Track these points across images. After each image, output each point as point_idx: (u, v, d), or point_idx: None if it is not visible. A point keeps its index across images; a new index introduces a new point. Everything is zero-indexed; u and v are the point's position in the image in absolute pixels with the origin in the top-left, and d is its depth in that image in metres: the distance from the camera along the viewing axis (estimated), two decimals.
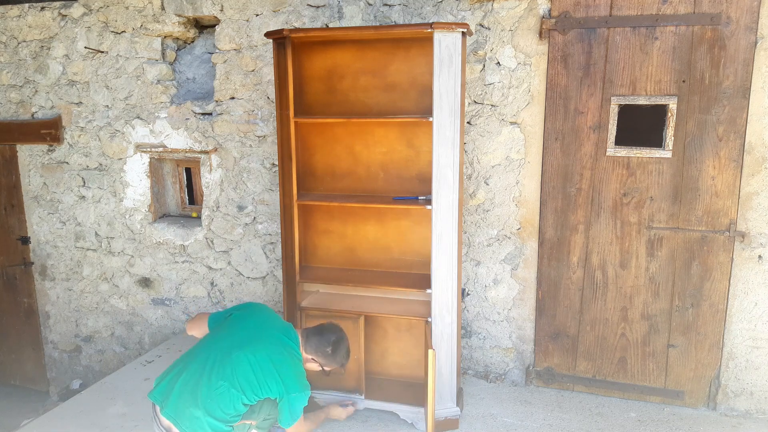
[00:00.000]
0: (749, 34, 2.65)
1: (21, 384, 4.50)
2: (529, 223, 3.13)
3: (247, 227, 3.68)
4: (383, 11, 3.16)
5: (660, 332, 3.00)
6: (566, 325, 3.14)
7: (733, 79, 2.70)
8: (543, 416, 2.93)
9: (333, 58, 2.91)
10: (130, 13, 3.60)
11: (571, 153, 2.97)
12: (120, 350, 4.16)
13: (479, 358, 3.36)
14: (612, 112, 2.88)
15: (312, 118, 2.83)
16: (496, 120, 3.08)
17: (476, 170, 3.16)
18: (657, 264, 2.94)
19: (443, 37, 2.46)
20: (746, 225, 2.81)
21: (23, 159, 4.08)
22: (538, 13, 2.92)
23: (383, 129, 2.92)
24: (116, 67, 3.71)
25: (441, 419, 2.76)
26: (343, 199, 2.88)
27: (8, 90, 3.99)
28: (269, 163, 3.54)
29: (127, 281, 4.01)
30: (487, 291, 3.27)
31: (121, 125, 3.77)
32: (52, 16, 3.76)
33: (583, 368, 3.15)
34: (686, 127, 2.79)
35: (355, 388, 2.87)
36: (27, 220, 4.16)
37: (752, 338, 2.89)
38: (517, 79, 3.01)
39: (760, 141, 2.73)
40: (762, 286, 2.84)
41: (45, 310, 4.28)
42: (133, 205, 3.86)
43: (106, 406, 3.06)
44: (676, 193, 2.86)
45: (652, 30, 2.76)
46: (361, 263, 3.09)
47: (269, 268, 3.69)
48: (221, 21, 3.45)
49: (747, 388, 2.93)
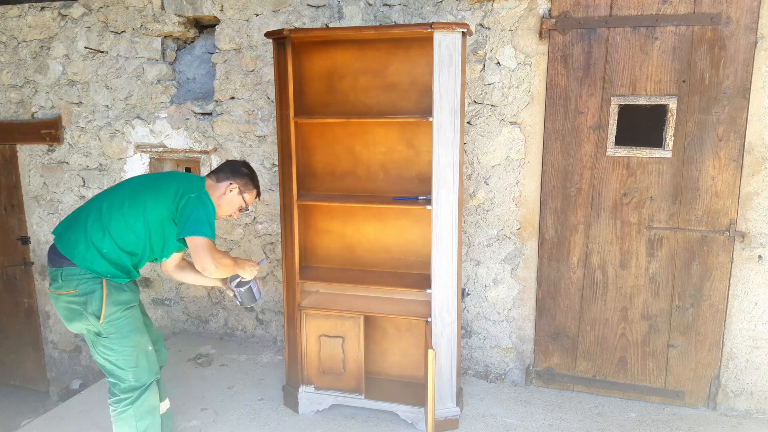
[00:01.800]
0: (749, 34, 2.65)
1: (21, 384, 4.51)
2: (529, 223, 3.13)
3: (247, 227, 3.68)
4: (383, 11, 3.16)
5: (660, 332, 3.00)
6: (566, 325, 3.14)
7: (733, 79, 2.69)
8: (543, 416, 2.93)
9: (333, 58, 2.91)
10: (130, 13, 3.60)
11: (571, 153, 2.97)
12: None
13: (479, 358, 3.36)
14: (612, 112, 2.88)
15: (312, 118, 2.83)
16: (496, 120, 3.08)
17: (476, 170, 3.16)
18: (657, 264, 2.94)
19: (443, 37, 2.46)
20: (746, 225, 2.81)
21: (23, 159, 4.08)
22: (538, 13, 2.92)
23: (383, 129, 2.92)
24: (116, 67, 3.71)
25: (441, 419, 2.76)
26: (343, 199, 2.88)
27: (8, 90, 3.99)
28: (269, 163, 3.54)
29: None
30: (487, 291, 3.27)
31: (121, 125, 3.77)
32: (52, 16, 3.76)
33: (583, 368, 3.15)
34: (686, 127, 2.79)
35: (355, 388, 2.88)
36: (27, 220, 4.16)
37: (752, 338, 2.89)
38: (517, 79, 3.01)
39: (760, 141, 2.73)
40: (762, 286, 2.84)
41: (45, 310, 4.27)
42: None
43: (106, 406, 3.06)
44: (676, 193, 2.86)
45: (652, 30, 2.76)
46: (361, 263, 3.09)
47: (269, 268, 3.69)
48: (221, 21, 3.45)
49: (747, 388, 2.93)
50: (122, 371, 2.26)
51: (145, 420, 2.31)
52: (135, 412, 2.28)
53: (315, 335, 2.87)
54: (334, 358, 2.87)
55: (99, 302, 2.19)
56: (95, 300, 2.19)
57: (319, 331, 2.87)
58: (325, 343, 2.87)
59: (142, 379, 2.29)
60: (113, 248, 2.24)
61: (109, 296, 2.21)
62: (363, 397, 2.87)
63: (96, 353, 2.28)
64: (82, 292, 2.19)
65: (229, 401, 3.09)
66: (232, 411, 2.98)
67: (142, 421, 2.30)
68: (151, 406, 2.33)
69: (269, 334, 3.82)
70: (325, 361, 2.89)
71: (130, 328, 2.28)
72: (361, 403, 2.88)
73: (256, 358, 3.61)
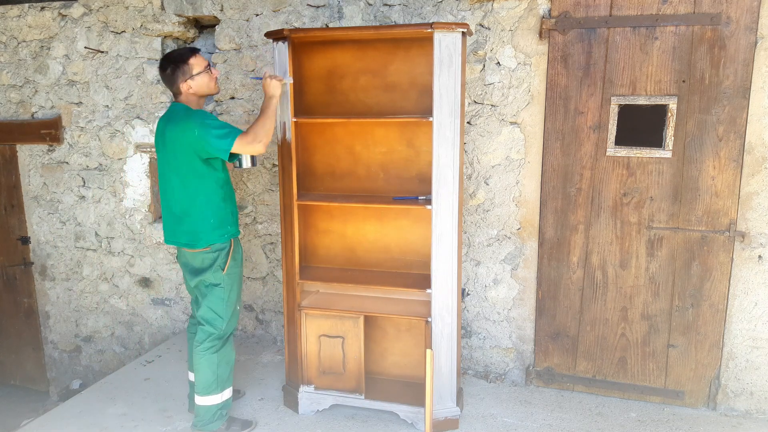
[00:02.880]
0: (749, 34, 2.65)
1: (21, 384, 4.51)
2: (529, 223, 3.13)
3: (247, 227, 3.68)
4: (383, 11, 3.16)
5: (660, 332, 3.00)
6: (566, 325, 3.14)
7: (733, 79, 2.69)
8: (543, 416, 2.93)
9: (333, 58, 2.91)
10: (130, 13, 3.60)
11: (571, 153, 2.97)
12: (120, 350, 4.16)
13: (479, 358, 3.36)
14: (612, 112, 2.88)
15: (312, 118, 2.83)
16: (496, 120, 3.08)
17: (476, 170, 3.16)
18: (657, 264, 2.94)
19: (443, 37, 2.46)
20: (746, 225, 2.81)
21: (23, 159, 4.08)
22: (538, 13, 2.92)
23: (383, 129, 2.92)
24: (116, 67, 3.71)
25: (441, 419, 2.76)
26: (343, 199, 2.88)
27: (8, 90, 3.99)
28: (269, 163, 3.54)
29: (127, 281, 4.01)
30: (487, 291, 3.27)
31: (121, 125, 3.77)
32: (52, 16, 3.76)
33: (583, 368, 3.15)
34: (686, 127, 2.79)
35: (355, 388, 2.88)
36: (27, 220, 4.16)
37: (752, 338, 2.89)
38: (517, 79, 3.01)
39: (760, 141, 2.73)
40: (762, 286, 2.84)
41: (45, 310, 4.28)
42: (133, 205, 3.86)
43: (106, 406, 3.06)
44: (676, 193, 2.86)
45: (652, 30, 2.76)
46: (361, 263, 3.09)
47: (269, 268, 3.69)
48: (221, 21, 3.45)
49: (747, 388, 2.93)
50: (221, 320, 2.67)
51: (224, 369, 2.68)
52: (219, 359, 2.66)
53: (315, 335, 2.87)
54: (334, 358, 2.87)
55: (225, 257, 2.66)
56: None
57: (319, 331, 2.87)
58: (325, 343, 2.87)
59: (229, 329, 2.72)
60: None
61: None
62: (363, 397, 2.87)
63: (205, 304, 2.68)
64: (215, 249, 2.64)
65: None
66: (232, 411, 2.98)
67: (222, 368, 2.67)
68: (230, 358, 2.73)
69: (269, 334, 3.82)
70: (325, 361, 2.89)
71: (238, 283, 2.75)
72: (361, 403, 2.88)
73: (256, 358, 3.61)
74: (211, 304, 2.65)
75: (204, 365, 2.64)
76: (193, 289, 2.77)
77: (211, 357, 2.64)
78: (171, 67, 2.55)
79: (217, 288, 2.65)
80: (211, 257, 2.62)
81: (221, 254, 2.63)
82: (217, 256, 2.62)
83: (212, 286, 2.66)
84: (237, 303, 2.74)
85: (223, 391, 2.69)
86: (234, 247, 2.68)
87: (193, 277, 2.69)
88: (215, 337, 2.65)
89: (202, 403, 2.67)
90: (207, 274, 2.64)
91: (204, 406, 2.67)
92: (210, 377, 2.64)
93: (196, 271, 2.67)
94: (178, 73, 2.55)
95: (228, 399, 2.74)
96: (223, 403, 2.71)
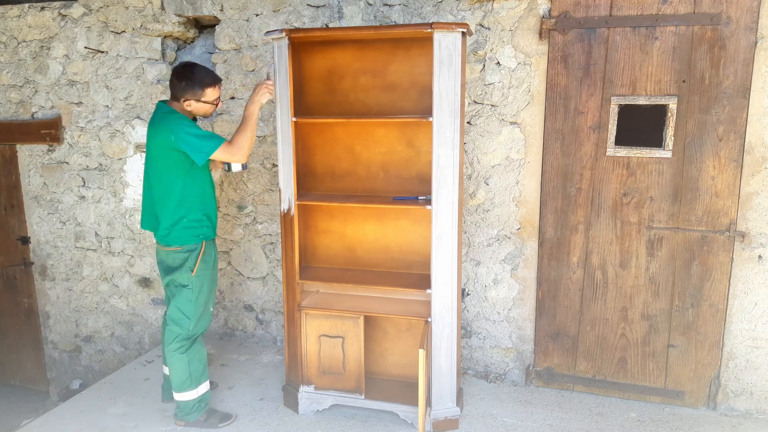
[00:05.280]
0: (749, 34, 2.65)
1: (21, 384, 4.51)
2: (529, 223, 3.13)
3: (247, 227, 3.68)
4: (383, 11, 3.16)
5: (660, 332, 3.00)
6: (566, 325, 3.14)
7: (733, 79, 2.69)
8: (543, 416, 2.93)
9: (333, 58, 2.91)
10: (130, 13, 3.60)
11: (571, 153, 2.97)
12: (120, 350, 4.16)
13: (479, 358, 3.36)
14: (612, 112, 2.88)
15: (312, 119, 2.83)
16: (496, 120, 3.08)
17: (476, 170, 3.16)
18: (657, 264, 2.94)
19: (443, 37, 2.46)
20: (746, 225, 2.81)
21: (23, 159, 4.08)
22: (538, 13, 2.92)
23: (383, 129, 2.92)
24: (116, 67, 3.71)
25: (441, 419, 2.76)
26: (343, 200, 2.88)
27: (8, 90, 3.99)
28: (269, 163, 3.54)
29: (127, 281, 4.01)
30: (487, 291, 3.27)
31: (121, 125, 3.77)
32: (52, 16, 3.76)
33: (583, 368, 3.15)
34: (686, 127, 2.79)
35: (355, 388, 2.88)
36: (27, 220, 4.16)
37: (752, 338, 2.89)
38: (517, 79, 3.01)
39: (760, 141, 2.73)
40: (762, 286, 2.84)
41: (45, 310, 4.28)
42: (133, 205, 3.86)
43: (106, 406, 3.06)
44: (676, 193, 2.86)
45: (652, 30, 2.76)
46: (361, 263, 3.09)
47: (269, 268, 3.69)
48: (221, 21, 3.45)
49: (747, 388, 2.93)
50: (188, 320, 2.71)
51: (196, 366, 2.75)
52: (189, 358, 2.72)
53: (315, 335, 2.87)
54: (334, 358, 2.87)
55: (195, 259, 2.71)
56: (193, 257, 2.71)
57: (319, 331, 2.87)
58: (325, 343, 2.87)
59: (198, 330, 2.76)
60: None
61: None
62: (363, 397, 2.87)
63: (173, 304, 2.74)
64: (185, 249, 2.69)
65: (229, 401, 3.09)
66: (232, 411, 2.98)
67: (194, 366, 2.74)
68: (201, 355, 2.79)
69: (269, 334, 3.82)
70: (325, 361, 2.89)
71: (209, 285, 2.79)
72: (361, 403, 2.88)
73: (256, 358, 3.61)
74: (179, 304, 2.71)
75: (176, 364, 2.72)
76: (165, 287, 2.86)
77: (181, 357, 2.71)
78: (187, 82, 2.59)
79: (185, 289, 2.71)
80: (182, 257, 2.68)
81: (191, 255, 2.68)
82: (187, 257, 2.68)
83: (181, 287, 2.72)
84: (208, 304, 2.80)
85: (198, 387, 2.78)
86: (205, 249, 2.72)
87: (165, 276, 2.76)
88: (183, 338, 2.72)
89: (179, 398, 2.79)
90: (176, 274, 2.70)
91: (182, 401, 2.79)
92: (183, 375, 2.73)
93: (168, 269, 2.74)
94: (189, 90, 2.60)
95: (205, 393, 2.83)
96: (200, 397, 2.80)
